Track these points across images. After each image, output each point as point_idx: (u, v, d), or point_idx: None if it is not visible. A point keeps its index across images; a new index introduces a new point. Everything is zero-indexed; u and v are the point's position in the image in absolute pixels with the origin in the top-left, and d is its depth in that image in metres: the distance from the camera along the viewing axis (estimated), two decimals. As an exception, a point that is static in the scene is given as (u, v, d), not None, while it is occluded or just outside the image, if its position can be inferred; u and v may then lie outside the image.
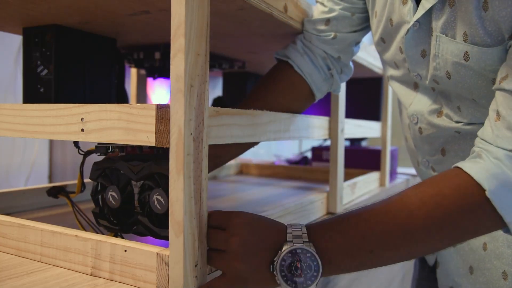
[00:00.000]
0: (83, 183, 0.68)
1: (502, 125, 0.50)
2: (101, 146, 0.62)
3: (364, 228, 0.50)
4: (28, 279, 0.51)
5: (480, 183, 0.48)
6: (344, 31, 0.77)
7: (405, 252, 0.50)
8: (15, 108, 0.60)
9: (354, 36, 0.78)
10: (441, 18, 0.59)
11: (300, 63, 0.76)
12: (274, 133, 0.66)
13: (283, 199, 1.03)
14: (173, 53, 0.44)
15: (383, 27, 0.70)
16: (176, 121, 0.44)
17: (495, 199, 0.47)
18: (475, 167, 0.49)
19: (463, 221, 0.49)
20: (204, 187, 0.48)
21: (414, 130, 0.73)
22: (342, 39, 0.77)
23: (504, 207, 0.48)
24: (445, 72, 0.61)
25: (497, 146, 0.50)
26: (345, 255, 0.49)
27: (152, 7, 0.65)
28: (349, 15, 0.76)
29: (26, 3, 0.64)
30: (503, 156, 0.49)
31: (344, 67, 0.82)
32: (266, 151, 2.31)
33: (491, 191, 0.48)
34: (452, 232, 0.50)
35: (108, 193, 0.60)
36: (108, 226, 0.61)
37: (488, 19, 0.54)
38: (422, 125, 0.70)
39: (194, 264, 0.47)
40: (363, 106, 1.42)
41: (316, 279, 0.47)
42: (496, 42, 0.54)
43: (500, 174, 0.48)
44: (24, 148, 1.24)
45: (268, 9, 0.65)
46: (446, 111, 0.67)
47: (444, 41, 0.60)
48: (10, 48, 1.20)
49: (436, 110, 0.68)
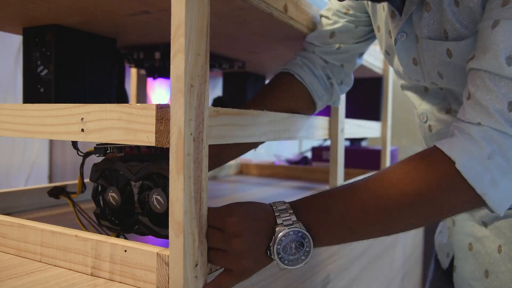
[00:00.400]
0: (84, 183, 0.68)
1: (472, 102, 0.52)
2: (100, 147, 0.62)
3: (343, 206, 0.52)
4: (28, 279, 0.51)
5: (450, 157, 0.50)
6: (348, 42, 0.79)
7: (383, 228, 0.53)
8: (15, 108, 0.60)
9: (358, 47, 0.81)
10: (421, 24, 0.62)
11: (301, 73, 0.78)
12: (274, 133, 0.66)
13: (283, 199, 1.03)
14: (173, 53, 0.44)
15: (386, 40, 0.73)
16: (176, 121, 0.44)
17: (464, 171, 0.49)
18: (446, 143, 0.51)
19: (437, 196, 0.51)
20: (204, 187, 0.48)
21: (424, 129, 0.75)
22: (346, 50, 0.79)
23: (474, 177, 0.49)
24: (436, 73, 0.64)
25: (467, 122, 0.52)
26: (326, 232, 0.53)
27: (152, 7, 0.65)
28: (353, 27, 0.78)
29: (26, 3, 0.64)
30: (472, 130, 0.51)
31: (345, 77, 0.83)
32: (266, 151, 2.30)
33: (460, 164, 0.49)
34: (427, 208, 0.52)
35: (108, 194, 0.60)
36: (109, 226, 0.61)
37: (461, 13, 0.57)
38: (431, 123, 0.72)
39: (194, 264, 0.47)
40: (363, 106, 1.42)
41: (309, 254, 0.51)
42: (472, 32, 0.57)
43: (470, 147, 0.50)
44: (24, 148, 1.24)
45: (268, 9, 0.65)
46: (454, 107, 0.68)
47: (428, 44, 0.62)
48: (10, 48, 1.20)
49: (445, 107, 0.70)
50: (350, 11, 0.78)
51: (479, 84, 0.51)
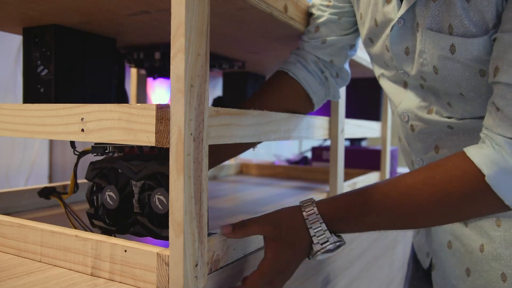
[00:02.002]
0: (77, 184, 0.67)
1: (502, 115, 0.54)
2: (98, 147, 0.61)
3: (372, 216, 0.57)
4: (28, 279, 0.51)
5: (480, 169, 0.52)
6: (333, 35, 0.79)
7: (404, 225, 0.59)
8: (15, 108, 0.60)
9: (344, 40, 0.80)
10: (425, 14, 0.61)
11: (294, 70, 0.78)
12: (274, 133, 0.66)
13: (283, 199, 1.03)
14: (173, 53, 0.44)
15: (369, 27, 0.72)
16: (176, 121, 0.44)
17: (494, 184, 0.51)
18: (477, 153, 0.53)
19: (464, 204, 0.54)
20: (204, 187, 0.47)
21: (406, 128, 0.74)
22: (332, 43, 0.79)
23: (503, 191, 0.51)
24: (432, 67, 0.63)
25: (498, 134, 0.53)
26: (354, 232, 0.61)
27: (152, 7, 0.65)
28: (336, 19, 0.78)
29: (26, 3, 0.64)
30: (503, 142, 0.53)
31: (339, 71, 0.83)
32: (266, 151, 2.30)
33: (490, 176, 0.51)
34: (453, 215, 0.56)
35: (105, 193, 0.59)
36: (103, 227, 0.60)
37: (472, 9, 0.56)
38: (413, 122, 0.71)
39: (194, 264, 0.47)
40: (363, 106, 1.42)
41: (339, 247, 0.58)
42: (481, 31, 0.57)
43: (500, 160, 0.52)
44: (24, 148, 1.24)
45: (268, 9, 0.66)
46: (436, 108, 0.68)
47: (430, 35, 0.61)
48: (10, 48, 1.20)
49: (426, 107, 0.69)
50: (331, 2, 0.78)
51: (510, 98, 0.53)
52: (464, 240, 0.70)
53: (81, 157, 0.65)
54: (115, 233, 0.60)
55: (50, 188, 0.74)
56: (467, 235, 0.70)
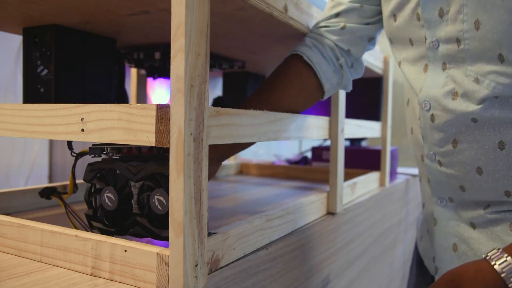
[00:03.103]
0: (75, 184, 0.67)
1: None
2: (96, 148, 0.61)
3: None
4: (28, 279, 0.51)
5: None
6: (354, 22, 0.77)
7: None
8: (15, 108, 0.60)
9: (365, 29, 0.78)
10: None
11: (310, 54, 0.76)
12: (274, 133, 0.66)
13: (283, 199, 1.03)
14: (173, 53, 0.44)
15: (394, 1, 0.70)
16: (176, 121, 0.44)
17: None
18: None
19: None
20: (204, 187, 0.48)
21: (425, 118, 0.69)
22: (351, 31, 0.77)
23: None
24: (473, 22, 0.58)
25: None
26: None
27: (152, 7, 0.65)
28: (358, 6, 0.76)
29: (26, 3, 0.64)
30: None
31: (355, 62, 0.81)
32: (266, 151, 2.30)
33: None
34: None
35: (103, 194, 0.59)
36: (102, 228, 0.60)
37: None
38: (435, 112, 0.67)
39: (194, 264, 0.47)
40: (363, 106, 1.42)
41: None
42: None
43: None
44: (24, 148, 1.24)
45: (268, 9, 0.65)
46: (461, 90, 0.63)
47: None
48: (10, 48, 1.20)
49: (450, 92, 0.64)
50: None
51: None
52: (472, 243, 0.68)
53: (79, 158, 0.65)
54: (114, 235, 0.60)
55: (51, 188, 0.74)
56: (476, 238, 0.68)
